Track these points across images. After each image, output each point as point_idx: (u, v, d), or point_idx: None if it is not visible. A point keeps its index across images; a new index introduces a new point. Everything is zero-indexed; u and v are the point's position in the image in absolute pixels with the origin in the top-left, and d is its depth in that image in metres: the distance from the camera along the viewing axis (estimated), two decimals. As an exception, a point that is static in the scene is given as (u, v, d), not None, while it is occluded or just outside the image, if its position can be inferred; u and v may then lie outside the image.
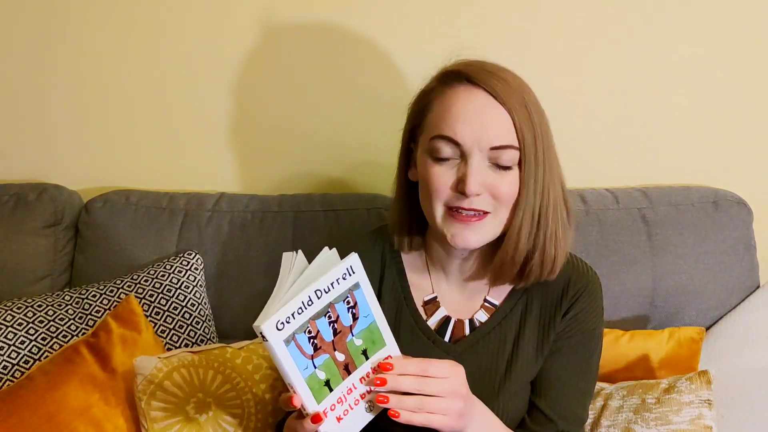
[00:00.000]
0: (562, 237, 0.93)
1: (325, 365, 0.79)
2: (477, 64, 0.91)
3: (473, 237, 0.91)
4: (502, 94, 0.86)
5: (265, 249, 1.37)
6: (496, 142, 0.86)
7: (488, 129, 0.86)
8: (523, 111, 0.87)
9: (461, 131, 0.87)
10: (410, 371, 0.80)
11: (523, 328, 1.00)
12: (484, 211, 0.90)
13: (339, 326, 0.80)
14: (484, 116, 0.86)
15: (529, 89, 0.91)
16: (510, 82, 0.88)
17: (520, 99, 0.87)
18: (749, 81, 1.41)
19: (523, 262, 0.94)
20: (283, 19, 1.40)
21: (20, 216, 1.39)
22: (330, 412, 0.80)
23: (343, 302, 0.80)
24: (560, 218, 0.93)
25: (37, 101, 1.48)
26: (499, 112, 0.86)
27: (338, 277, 0.79)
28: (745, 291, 1.36)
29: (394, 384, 0.80)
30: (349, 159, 1.48)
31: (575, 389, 1.00)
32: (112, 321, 1.24)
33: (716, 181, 1.43)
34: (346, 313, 0.81)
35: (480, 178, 0.87)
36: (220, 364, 1.18)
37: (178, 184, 1.51)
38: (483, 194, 0.89)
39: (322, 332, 0.79)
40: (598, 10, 1.37)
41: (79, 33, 1.44)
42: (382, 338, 0.84)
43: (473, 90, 0.88)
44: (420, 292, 1.03)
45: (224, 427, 1.16)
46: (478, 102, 0.87)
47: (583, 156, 1.43)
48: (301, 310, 0.77)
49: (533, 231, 0.91)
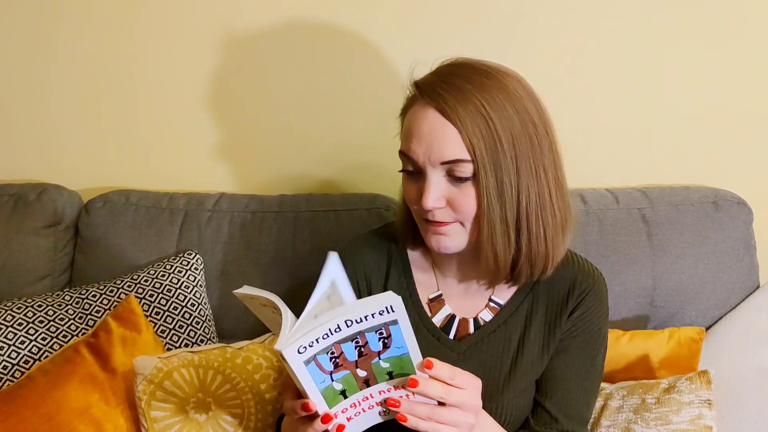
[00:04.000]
0: (552, 237, 0.92)
1: (344, 379, 0.79)
2: (440, 74, 0.90)
3: (447, 242, 0.92)
4: (450, 109, 0.86)
5: (265, 249, 1.37)
6: (445, 157, 0.87)
7: (437, 146, 0.87)
8: (479, 122, 0.86)
9: (414, 149, 0.89)
10: (442, 375, 0.80)
11: (529, 328, 1.00)
12: (448, 222, 0.90)
13: (366, 350, 0.79)
14: (433, 133, 0.87)
15: (506, 90, 0.88)
16: (467, 92, 0.86)
17: (476, 109, 0.86)
18: (749, 81, 1.41)
19: (511, 266, 0.94)
20: (284, 19, 1.40)
21: (20, 216, 1.39)
22: (341, 414, 0.80)
23: (374, 332, 0.78)
24: (549, 218, 0.91)
25: (38, 101, 1.48)
26: (446, 129, 0.86)
27: (374, 312, 0.76)
28: (745, 291, 1.36)
29: (423, 388, 0.79)
30: (349, 159, 1.48)
31: (581, 389, 1.01)
32: (112, 321, 1.24)
33: (716, 181, 1.43)
34: (377, 341, 0.78)
35: (438, 193, 0.88)
36: (220, 364, 1.18)
37: (178, 184, 1.51)
38: (445, 207, 0.90)
39: (346, 354, 0.77)
40: (598, 9, 1.37)
41: (79, 33, 1.44)
42: (413, 368, 0.81)
43: (425, 107, 0.88)
44: (425, 289, 1.03)
45: (224, 427, 1.16)
46: (427, 119, 0.88)
47: (583, 156, 1.43)
48: (327, 335, 0.75)
49: (511, 238, 0.90)
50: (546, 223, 0.91)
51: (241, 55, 1.43)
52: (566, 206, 0.94)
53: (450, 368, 0.81)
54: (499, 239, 0.90)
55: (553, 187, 0.91)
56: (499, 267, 0.92)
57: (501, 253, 0.91)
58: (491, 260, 0.92)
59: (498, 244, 0.90)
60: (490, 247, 0.90)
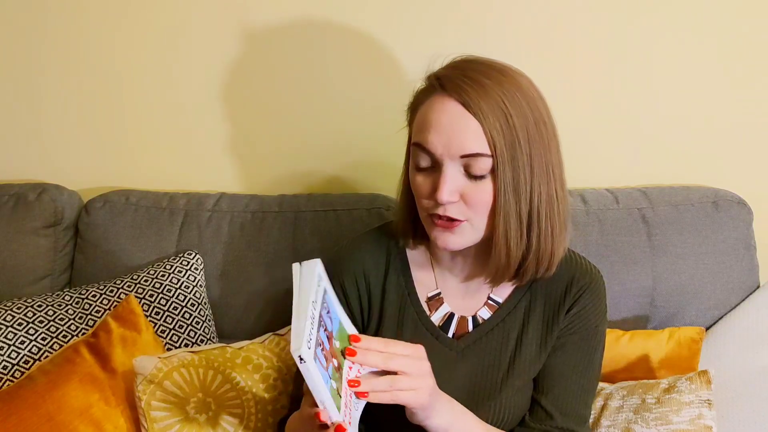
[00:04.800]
0: (558, 235, 0.93)
1: (332, 373, 0.80)
2: (459, 68, 0.91)
3: (453, 240, 0.92)
4: (473, 103, 0.86)
5: (265, 249, 1.37)
6: (465, 150, 0.87)
7: (457, 138, 0.87)
8: (499, 117, 0.86)
9: (432, 141, 0.88)
10: (374, 347, 0.83)
11: (527, 325, 1.00)
12: (458, 220, 0.90)
13: (328, 333, 0.81)
14: (454, 126, 0.87)
15: (521, 89, 0.89)
16: (488, 87, 0.87)
17: (497, 104, 0.86)
18: (749, 81, 1.41)
19: (519, 264, 0.94)
20: (285, 20, 1.40)
21: (20, 216, 1.39)
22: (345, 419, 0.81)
23: (325, 313, 0.81)
24: (556, 217, 0.92)
25: (38, 101, 1.48)
26: (468, 122, 0.86)
27: (317, 287, 0.81)
28: (745, 291, 1.36)
29: (362, 358, 0.82)
30: (349, 159, 1.48)
31: (578, 386, 1.01)
32: (112, 321, 1.24)
33: (716, 181, 1.43)
34: (328, 319, 0.82)
35: (453, 186, 0.88)
36: (220, 364, 1.18)
37: (178, 184, 1.51)
38: (458, 202, 0.90)
39: (324, 342, 0.80)
40: (599, 10, 1.37)
41: (80, 33, 1.44)
42: (347, 333, 0.86)
43: (445, 99, 0.88)
44: (424, 287, 1.03)
45: (224, 427, 1.16)
46: (448, 112, 0.88)
47: (583, 156, 1.43)
48: (312, 325, 0.77)
49: (523, 234, 0.91)
50: (554, 222, 0.92)
51: (242, 55, 1.43)
52: (568, 206, 0.96)
53: (381, 339, 0.84)
54: (513, 234, 0.90)
55: (559, 187, 0.93)
56: (510, 263, 0.93)
57: (514, 249, 0.91)
58: (503, 256, 0.92)
59: (512, 239, 0.90)
60: (504, 242, 0.91)
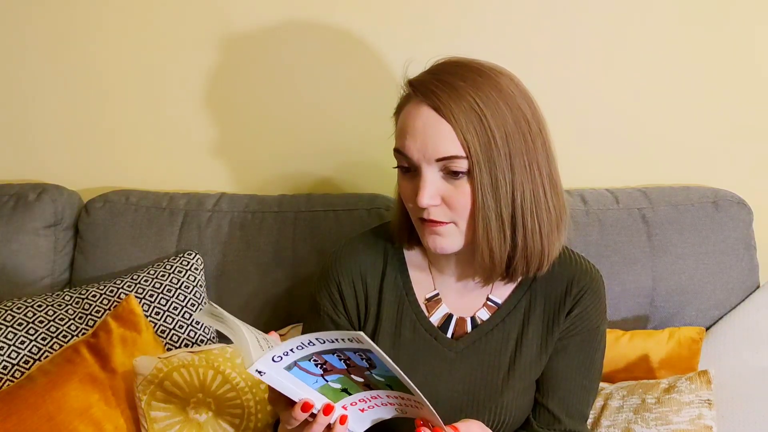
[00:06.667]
0: (549, 233, 0.93)
1: (341, 380, 0.79)
2: (434, 72, 0.91)
3: (443, 242, 0.92)
4: (444, 106, 0.86)
5: (265, 249, 1.37)
6: (440, 154, 0.88)
7: (431, 142, 0.88)
8: (472, 119, 0.86)
9: (408, 146, 0.89)
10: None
11: (527, 326, 1.00)
12: (443, 222, 0.91)
13: (352, 363, 0.78)
14: (427, 130, 0.88)
15: (498, 88, 0.88)
16: (461, 89, 0.87)
17: (470, 106, 0.86)
18: (749, 80, 1.41)
19: (507, 263, 0.94)
20: (284, 19, 1.40)
21: (20, 216, 1.39)
22: (350, 407, 0.80)
23: (353, 353, 0.77)
24: (544, 214, 0.92)
25: (37, 101, 1.48)
26: (440, 125, 0.87)
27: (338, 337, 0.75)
28: (745, 291, 1.36)
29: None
30: (349, 159, 1.48)
31: (581, 387, 1.01)
32: (112, 321, 1.24)
33: (716, 181, 1.43)
34: (359, 360, 0.77)
35: (432, 190, 0.89)
36: (220, 364, 1.18)
37: (178, 184, 1.51)
38: (441, 205, 0.90)
39: (332, 362, 0.77)
40: (598, 10, 1.37)
41: (79, 32, 1.44)
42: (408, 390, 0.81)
43: (419, 105, 0.89)
44: (422, 288, 1.03)
45: (224, 427, 1.16)
46: (421, 117, 0.88)
47: (583, 156, 1.43)
48: (302, 347, 0.75)
49: (506, 234, 0.91)
50: (541, 220, 0.92)
51: (241, 54, 1.43)
52: (561, 204, 0.95)
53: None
54: (494, 235, 0.90)
55: (548, 184, 0.92)
56: (495, 263, 0.93)
57: (497, 249, 0.91)
58: (487, 257, 0.92)
59: (493, 240, 0.91)
60: (486, 244, 0.91)
